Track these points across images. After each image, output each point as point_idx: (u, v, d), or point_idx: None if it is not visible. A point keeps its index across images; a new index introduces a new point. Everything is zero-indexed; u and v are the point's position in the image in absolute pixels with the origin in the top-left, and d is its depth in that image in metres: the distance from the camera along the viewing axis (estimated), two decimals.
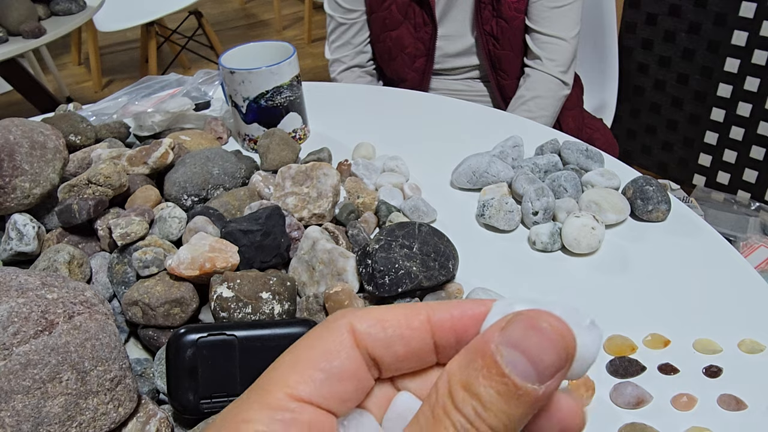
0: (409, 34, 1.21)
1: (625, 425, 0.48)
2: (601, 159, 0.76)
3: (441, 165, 0.79)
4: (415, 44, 1.22)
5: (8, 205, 0.61)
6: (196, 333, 0.47)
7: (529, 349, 0.17)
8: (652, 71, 1.78)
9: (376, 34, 1.25)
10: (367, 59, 1.29)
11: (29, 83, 2.02)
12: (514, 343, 0.17)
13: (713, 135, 1.72)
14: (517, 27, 1.16)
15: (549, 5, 1.14)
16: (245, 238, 0.58)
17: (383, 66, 1.30)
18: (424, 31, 1.21)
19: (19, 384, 0.39)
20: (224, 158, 0.72)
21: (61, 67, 3.09)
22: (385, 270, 0.55)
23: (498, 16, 1.16)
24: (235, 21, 3.58)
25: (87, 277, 0.59)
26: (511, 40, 1.17)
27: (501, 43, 1.18)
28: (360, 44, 1.26)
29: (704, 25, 1.62)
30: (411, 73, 1.27)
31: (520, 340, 0.17)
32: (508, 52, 1.19)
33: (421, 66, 1.26)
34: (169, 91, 0.97)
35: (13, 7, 1.62)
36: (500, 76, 1.23)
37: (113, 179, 0.64)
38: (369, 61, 1.30)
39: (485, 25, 1.17)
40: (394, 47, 1.24)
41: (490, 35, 1.18)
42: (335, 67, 1.29)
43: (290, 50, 0.83)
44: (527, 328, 0.18)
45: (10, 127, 0.62)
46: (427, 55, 1.24)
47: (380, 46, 1.26)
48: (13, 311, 0.41)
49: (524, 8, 1.15)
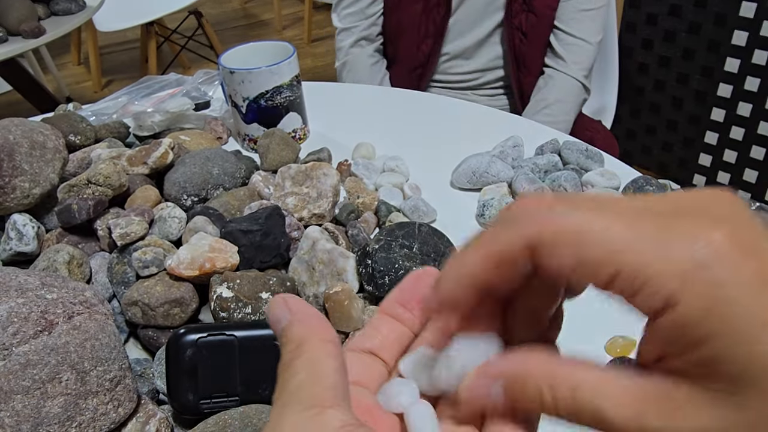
0: (421, 12, 1.17)
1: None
2: (601, 159, 0.76)
3: (441, 165, 0.79)
4: (425, 23, 1.18)
5: (8, 205, 0.61)
6: (195, 333, 0.46)
7: None
8: (652, 71, 1.78)
9: (388, 7, 1.19)
10: (377, 32, 1.24)
11: (29, 83, 2.02)
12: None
13: (713, 135, 1.72)
14: (546, 24, 1.13)
15: (580, 7, 1.12)
16: (245, 238, 0.58)
17: (389, 43, 1.25)
18: (436, 12, 1.17)
19: (19, 384, 0.39)
20: (224, 158, 0.72)
21: (61, 67, 3.09)
22: (385, 270, 0.55)
23: (529, 10, 1.13)
24: (235, 21, 3.58)
25: (87, 278, 0.59)
26: (539, 37, 1.14)
27: (529, 38, 1.15)
28: (373, 15, 1.21)
29: (704, 25, 1.62)
30: (417, 54, 1.22)
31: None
32: (534, 50, 1.16)
33: (428, 48, 1.21)
34: (169, 91, 0.97)
35: (12, 6, 1.62)
36: (522, 72, 1.19)
37: (113, 179, 0.64)
38: (379, 35, 1.25)
39: (514, 18, 1.14)
40: (404, 23, 1.19)
41: (518, 29, 1.15)
42: (343, 36, 1.23)
43: (290, 50, 0.83)
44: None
45: (9, 127, 0.62)
46: (435, 37, 1.19)
47: (390, 20, 1.21)
48: (12, 311, 0.41)
49: (556, 6, 1.13)
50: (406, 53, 1.23)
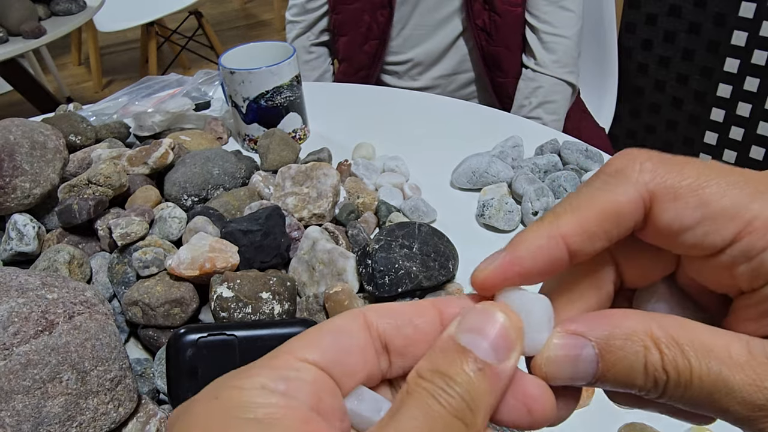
0: (362, 11, 1.15)
1: (625, 425, 0.48)
2: (601, 159, 0.76)
3: (441, 165, 0.79)
4: (368, 24, 1.16)
5: (8, 205, 0.61)
6: (196, 333, 0.47)
7: (482, 329, 0.19)
8: (651, 71, 1.78)
9: (332, 5, 1.19)
10: (321, 28, 1.24)
11: (29, 83, 2.02)
12: (469, 328, 0.19)
13: (713, 135, 1.73)
14: (512, 22, 1.09)
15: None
16: (245, 238, 0.58)
17: (334, 41, 1.25)
18: (380, 13, 1.15)
19: (20, 384, 0.39)
20: (224, 158, 0.72)
21: (62, 67, 3.09)
22: (385, 270, 0.55)
23: (491, 9, 1.09)
24: (235, 21, 3.58)
25: (87, 277, 0.59)
26: (507, 36, 1.10)
27: (495, 39, 1.11)
28: (314, 11, 1.21)
29: (704, 26, 1.62)
30: (360, 55, 1.20)
31: (474, 325, 0.19)
32: (503, 49, 1.12)
33: (371, 50, 1.19)
34: (169, 91, 0.97)
35: (13, 7, 1.62)
36: (496, 75, 1.16)
37: (113, 179, 0.64)
38: (324, 32, 1.25)
39: (476, 20, 1.10)
40: (345, 22, 1.18)
41: (482, 30, 1.11)
42: (288, 28, 1.25)
43: (290, 50, 0.83)
44: (478, 315, 0.19)
45: (10, 127, 0.62)
46: (379, 40, 1.18)
47: (335, 18, 1.20)
48: (13, 311, 0.41)
49: (521, 1, 1.09)
50: (348, 53, 1.22)
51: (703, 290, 0.21)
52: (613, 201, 0.19)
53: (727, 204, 0.18)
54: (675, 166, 0.19)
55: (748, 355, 0.17)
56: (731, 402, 0.17)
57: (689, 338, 0.18)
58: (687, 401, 0.18)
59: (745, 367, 0.17)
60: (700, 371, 0.17)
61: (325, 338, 0.20)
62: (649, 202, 0.19)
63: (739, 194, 0.18)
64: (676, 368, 0.18)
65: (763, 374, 0.17)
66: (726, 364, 0.17)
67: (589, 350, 0.19)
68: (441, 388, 0.18)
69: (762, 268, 0.18)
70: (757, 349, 0.17)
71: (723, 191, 0.18)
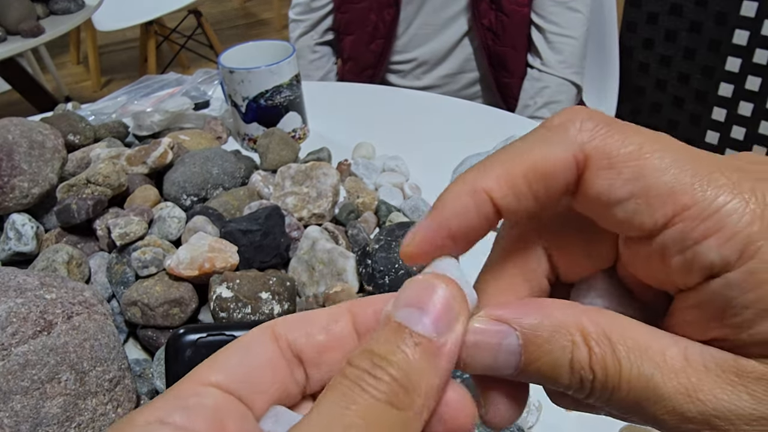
0: (368, 10, 1.15)
1: (626, 425, 0.47)
2: None
3: (441, 165, 0.79)
4: (374, 23, 1.16)
5: (7, 204, 0.61)
6: (195, 333, 0.46)
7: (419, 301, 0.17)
8: (652, 71, 1.78)
9: (338, 3, 1.19)
10: (326, 27, 1.23)
11: (28, 82, 2.02)
12: (406, 303, 0.17)
13: (714, 134, 1.72)
14: (519, 22, 1.09)
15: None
16: (245, 238, 0.58)
17: (340, 40, 1.24)
18: (386, 12, 1.15)
19: (18, 384, 0.39)
20: (223, 158, 0.72)
21: (60, 66, 3.09)
22: (385, 270, 0.55)
23: (498, 9, 1.09)
24: (234, 20, 3.58)
25: (86, 277, 0.59)
26: (513, 36, 1.10)
27: (501, 39, 1.11)
28: (319, 9, 1.21)
29: (705, 24, 1.62)
30: (366, 54, 1.20)
31: (410, 299, 0.17)
32: (509, 49, 1.12)
33: (377, 49, 1.19)
34: (169, 90, 0.96)
35: (11, 6, 1.62)
36: (501, 74, 1.16)
37: (112, 179, 0.63)
38: (328, 31, 1.24)
39: (483, 19, 1.10)
40: (351, 21, 1.18)
41: (488, 30, 1.11)
42: (292, 27, 1.24)
43: (290, 50, 0.83)
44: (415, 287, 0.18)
45: (8, 126, 0.62)
46: (385, 39, 1.18)
47: (341, 17, 1.20)
48: (11, 311, 0.41)
49: (527, 1, 1.09)
50: (354, 52, 1.22)
51: (644, 287, 0.19)
52: (543, 158, 0.17)
53: (665, 181, 0.16)
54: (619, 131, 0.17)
55: (684, 361, 0.16)
56: (660, 410, 0.16)
57: (623, 336, 0.16)
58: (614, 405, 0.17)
59: (679, 374, 0.16)
60: (630, 373, 0.16)
61: (232, 357, 0.18)
62: (582, 164, 0.17)
63: (681, 173, 0.16)
64: (605, 368, 0.16)
65: (697, 384, 0.16)
66: (659, 369, 0.16)
67: (512, 339, 0.17)
68: (367, 372, 0.16)
69: (695, 262, 0.16)
70: (695, 356, 0.16)
71: (665, 167, 0.16)
